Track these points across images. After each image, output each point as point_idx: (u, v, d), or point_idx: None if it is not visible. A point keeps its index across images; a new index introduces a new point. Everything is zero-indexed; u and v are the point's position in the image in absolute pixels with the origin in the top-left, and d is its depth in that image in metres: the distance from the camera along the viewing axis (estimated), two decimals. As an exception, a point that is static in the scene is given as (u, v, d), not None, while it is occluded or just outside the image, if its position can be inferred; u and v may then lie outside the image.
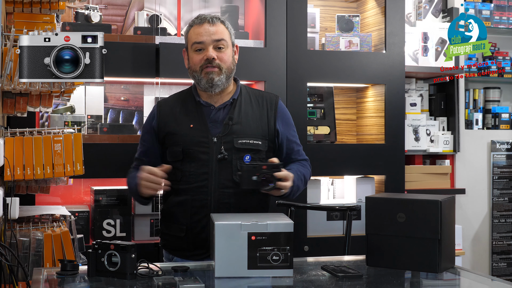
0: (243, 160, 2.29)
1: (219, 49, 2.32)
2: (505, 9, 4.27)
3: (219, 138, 2.29)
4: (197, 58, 2.33)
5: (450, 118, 4.09)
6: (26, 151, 2.24)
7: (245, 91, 2.44)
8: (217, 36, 2.32)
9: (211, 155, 2.29)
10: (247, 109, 2.38)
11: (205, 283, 1.69)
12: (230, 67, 2.35)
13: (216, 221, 1.83)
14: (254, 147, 2.32)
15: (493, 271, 4.16)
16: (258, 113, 2.38)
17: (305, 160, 2.48)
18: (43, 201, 3.09)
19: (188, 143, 2.31)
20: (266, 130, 2.37)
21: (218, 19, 2.36)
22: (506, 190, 4.20)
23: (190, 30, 2.38)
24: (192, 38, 2.35)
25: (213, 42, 2.31)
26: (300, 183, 2.34)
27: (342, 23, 3.66)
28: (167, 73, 3.17)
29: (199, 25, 2.34)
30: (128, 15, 3.55)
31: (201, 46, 2.32)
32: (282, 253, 1.81)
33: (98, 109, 3.34)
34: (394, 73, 3.53)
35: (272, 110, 2.41)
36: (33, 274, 1.88)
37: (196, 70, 2.34)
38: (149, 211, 3.23)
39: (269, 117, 2.39)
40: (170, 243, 2.38)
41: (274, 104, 2.42)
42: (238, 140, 2.30)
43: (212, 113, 2.35)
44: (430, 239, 1.88)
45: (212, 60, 2.30)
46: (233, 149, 2.29)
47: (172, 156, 2.33)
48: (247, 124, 2.34)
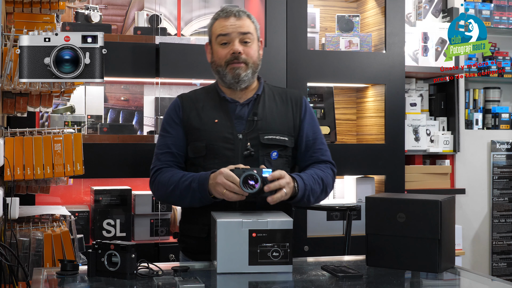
0: (270, 157, 2.23)
1: (245, 43, 2.25)
2: (505, 9, 4.27)
3: (245, 135, 2.22)
4: (223, 52, 2.25)
5: (450, 118, 4.09)
6: (26, 151, 2.23)
7: (268, 88, 2.37)
8: (244, 29, 2.24)
9: (236, 152, 2.21)
10: (272, 105, 2.30)
11: (205, 283, 1.69)
12: (256, 62, 2.28)
13: (218, 219, 1.85)
14: (281, 143, 2.25)
15: (493, 271, 4.16)
16: (283, 110, 2.31)
17: (328, 163, 2.35)
18: (43, 201, 3.09)
19: (212, 139, 2.22)
20: (291, 127, 2.30)
21: (244, 12, 2.29)
22: (506, 190, 4.20)
23: (214, 23, 2.30)
24: (217, 30, 2.27)
25: (239, 35, 2.24)
26: (315, 185, 2.20)
27: (342, 23, 3.66)
28: (167, 73, 3.17)
29: (225, 18, 2.26)
30: (128, 15, 3.55)
31: (227, 39, 2.24)
32: (282, 249, 1.84)
33: (98, 109, 3.34)
34: (394, 73, 3.53)
35: (298, 107, 2.33)
36: (33, 274, 1.88)
37: (221, 64, 2.26)
38: (149, 211, 3.23)
39: (295, 115, 2.32)
40: (190, 246, 2.29)
41: (299, 101, 2.35)
42: (264, 136, 2.22)
43: (237, 109, 2.27)
44: (430, 239, 1.88)
45: (239, 55, 2.22)
46: (259, 145, 2.22)
47: (194, 151, 2.25)
48: (272, 120, 2.27)
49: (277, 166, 2.21)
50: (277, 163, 2.24)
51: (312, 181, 2.19)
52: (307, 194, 2.16)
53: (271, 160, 2.23)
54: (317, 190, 2.21)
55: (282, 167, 2.25)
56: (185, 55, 3.17)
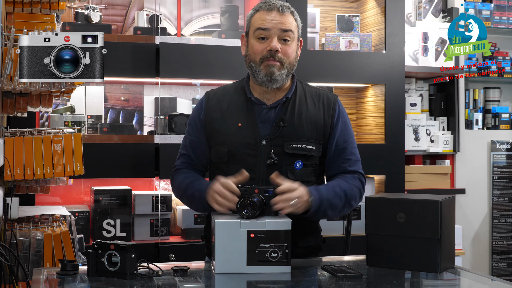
0: (294, 167, 2.09)
1: (284, 41, 2.10)
2: (505, 9, 4.27)
3: (269, 141, 2.09)
4: (259, 47, 2.10)
5: (450, 118, 4.09)
6: (26, 151, 2.23)
7: (301, 88, 2.20)
8: (285, 26, 2.09)
9: (259, 159, 2.08)
10: (301, 109, 2.15)
11: (205, 283, 1.69)
12: (293, 63, 2.13)
13: (216, 220, 1.85)
14: (307, 153, 2.10)
15: (493, 271, 4.16)
16: (313, 114, 2.15)
17: (356, 173, 2.18)
18: (43, 201, 3.09)
19: (235, 144, 2.10)
20: (321, 133, 2.14)
21: (289, 8, 2.14)
22: (506, 190, 4.20)
23: (255, 15, 2.14)
24: (256, 23, 2.12)
25: (279, 32, 2.09)
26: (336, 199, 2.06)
27: (342, 23, 3.66)
28: (167, 73, 3.17)
29: (268, 11, 2.11)
30: (128, 15, 3.55)
31: (266, 34, 2.09)
32: (280, 250, 1.84)
33: (98, 109, 3.34)
34: (394, 73, 3.53)
35: (330, 111, 2.17)
36: (33, 274, 1.87)
37: (255, 60, 2.11)
38: (149, 211, 3.23)
39: (326, 119, 2.16)
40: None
41: (332, 104, 2.18)
42: (289, 144, 2.09)
43: (263, 112, 2.13)
44: (430, 239, 1.88)
45: (275, 53, 2.08)
46: (283, 154, 2.08)
47: (217, 156, 2.14)
48: (300, 126, 2.11)
49: (301, 176, 2.10)
50: (301, 173, 2.11)
51: (332, 194, 2.06)
52: (323, 209, 2.03)
53: (295, 170, 2.10)
54: (337, 204, 2.07)
55: (307, 176, 2.13)
56: (185, 55, 3.17)
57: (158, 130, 3.24)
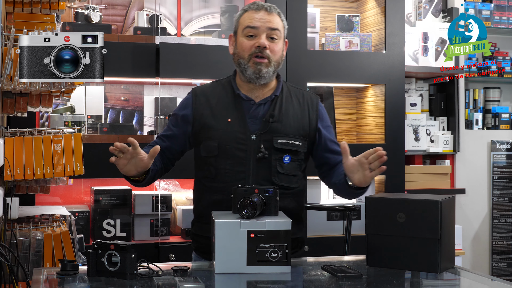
0: (282, 161, 2.21)
1: (272, 39, 2.21)
2: (505, 9, 4.27)
3: (258, 136, 2.19)
4: (247, 44, 2.21)
5: (450, 118, 4.09)
6: (26, 151, 2.23)
7: (286, 88, 2.33)
8: (273, 25, 2.21)
9: (249, 153, 2.18)
10: (288, 107, 2.27)
11: (205, 283, 1.69)
12: (279, 61, 2.24)
13: (216, 219, 1.85)
14: (294, 148, 2.22)
15: (493, 271, 4.16)
16: (299, 112, 2.28)
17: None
18: (43, 201, 3.09)
19: (225, 139, 2.19)
20: (307, 130, 2.27)
21: (276, 9, 2.27)
22: (506, 190, 4.20)
23: (244, 14, 2.26)
24: (245, 22, 2.23)
25: (267, 30, 2.20)
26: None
27: (342, 23, 3.66)
28: (167, 73, 3.17)
29: (256, 11, 2.23)
30: (128, 15, 3.55)
31: (254, 32, 2.21)
32: (280, 250, 1.84)
33: (98, 109, 3.34)
34: (394, 73, 3.53)
35: (314, 111, 2.31)
36: (33, 274, 1.87)
37: (244, 57, 2.22)
38: (149, 211, 3.23)
39: (311, 118, 2.30)
40: (203, 246, 2.24)
41: (315, 105, 2.33)
42: (278, 139, 2.20)
43: (252, 108, 2.24)
44: (430, 239, 1.88)
45: (263, 49, 2.19)
46: (272, 148, 2.19)
47: (207, 150, 2.22)
48: (287, 123, 2.24)
49: (289, 170, 2.22)
50: (289, 167, 2.23)
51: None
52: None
53: (283, 164, 2.21)
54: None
55: (294, 170, 2.24)
56: (185, 55, 3.17)
57: (158, 130, 3.24)
